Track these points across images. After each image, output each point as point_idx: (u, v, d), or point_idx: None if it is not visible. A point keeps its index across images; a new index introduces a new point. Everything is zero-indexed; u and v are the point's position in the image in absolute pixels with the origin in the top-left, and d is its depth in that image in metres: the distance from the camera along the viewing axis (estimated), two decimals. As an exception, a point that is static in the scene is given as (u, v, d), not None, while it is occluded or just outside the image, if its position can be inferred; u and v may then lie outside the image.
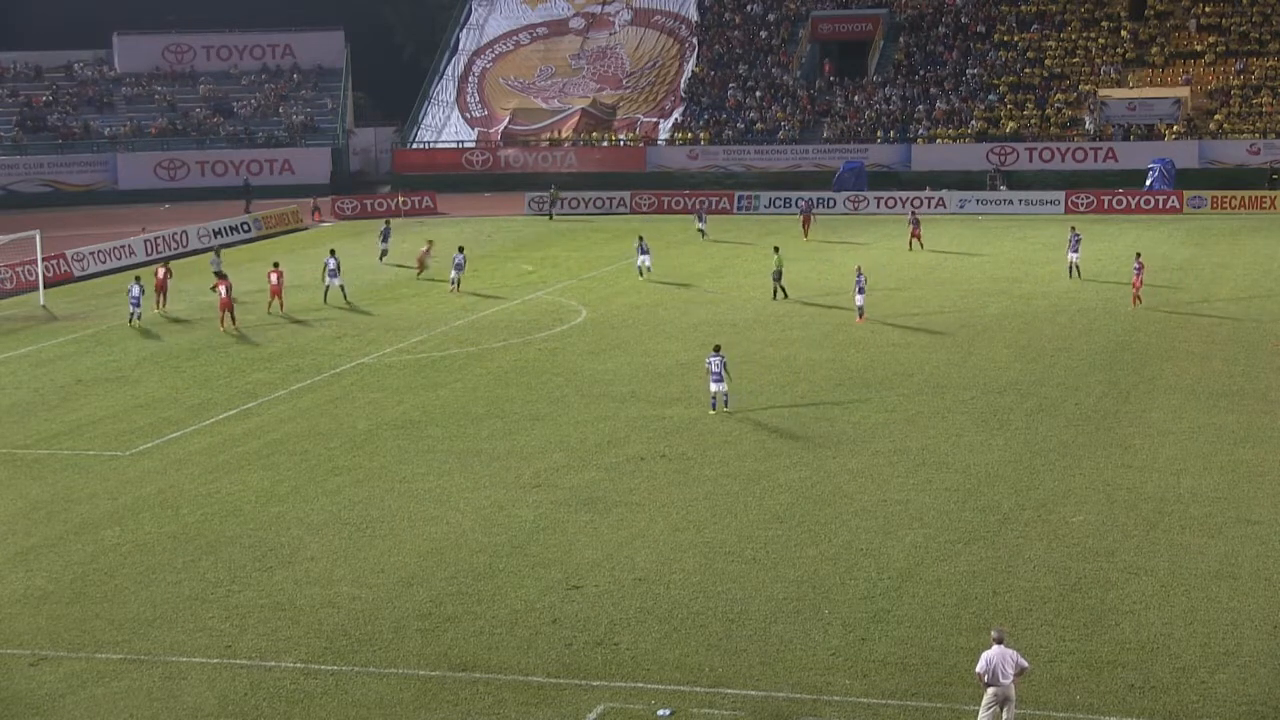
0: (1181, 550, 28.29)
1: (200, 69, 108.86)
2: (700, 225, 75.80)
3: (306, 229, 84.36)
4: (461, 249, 62.03)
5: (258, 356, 49.04)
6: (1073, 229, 62.24)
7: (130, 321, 54.55)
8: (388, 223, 73.36)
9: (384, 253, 69.40)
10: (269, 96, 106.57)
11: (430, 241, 66.33)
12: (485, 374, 45.42)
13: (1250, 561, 27.64)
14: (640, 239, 64.64)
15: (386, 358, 48.26)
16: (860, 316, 51.16)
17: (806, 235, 72.50)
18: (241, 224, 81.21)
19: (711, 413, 39.11)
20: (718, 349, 39.74)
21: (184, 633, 25.65)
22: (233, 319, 53.07)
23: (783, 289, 56.41)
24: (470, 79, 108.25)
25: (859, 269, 52.73)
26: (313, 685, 23.49)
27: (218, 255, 64.11)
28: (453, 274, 60.55)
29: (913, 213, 72.37)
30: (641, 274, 62.88)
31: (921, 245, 67.40)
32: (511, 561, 28.74)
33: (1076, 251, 59.56)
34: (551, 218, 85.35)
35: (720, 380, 39.06)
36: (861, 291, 51.52)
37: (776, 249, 58.83)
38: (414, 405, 41.61)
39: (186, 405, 42.39)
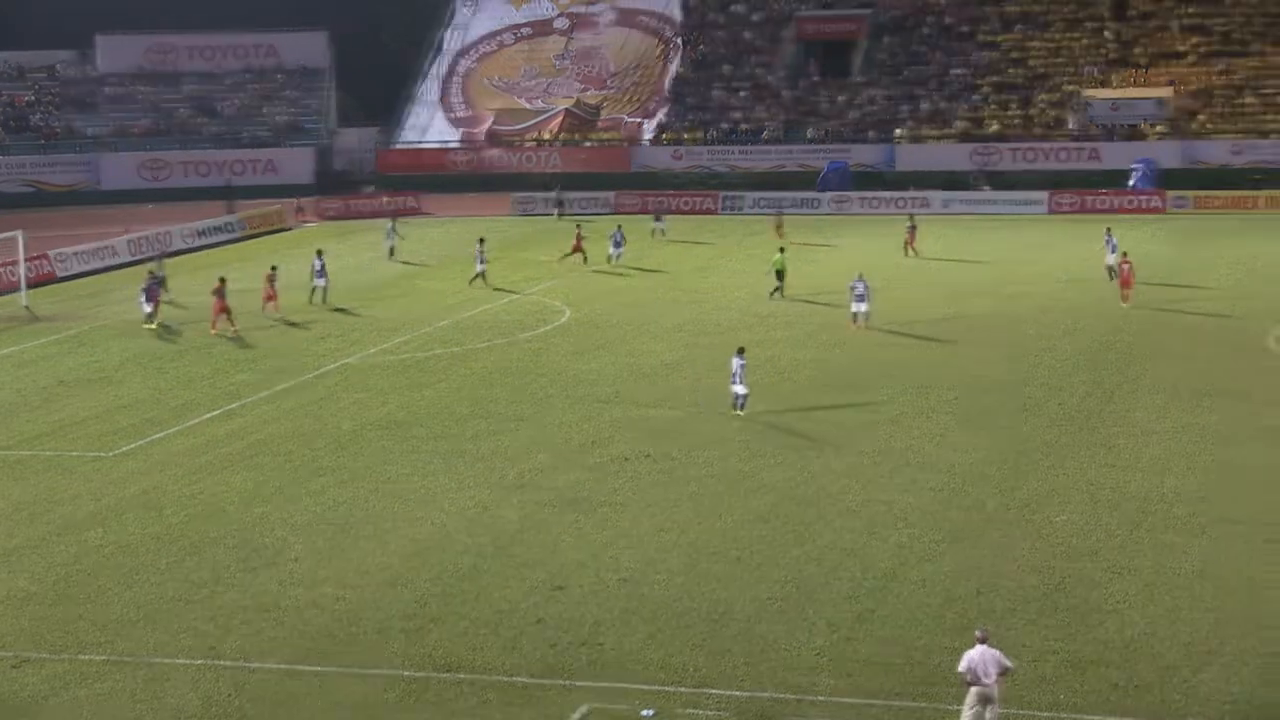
0: (1165, 550, 28.34)
1: (184, 69, 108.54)
2: (658, 225, 75.72)
3: (291, 229, 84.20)
4: (482, 240, 62.71)
5: (241, 357, 48.96)
6: (1108, 230, 61.66)
7: (148, 322, 54.05)
8: (393, 220, 73.89)
9: (392, 250, 70.13)
10: (253, 97, 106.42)
11: (580, 224, 69.69)
12: (470, 374, 45.39)
13: (1233, 561, 27.69)
14: (619, 228, 68.06)
15: (371, 358, 48.21)
16: (855, 322, 50.00)
17: (782, 235, 71.96)
18: (225, 224, 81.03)
19: (736, 414, 38.71)
20: (741, 351, 39.39)
21: (167, 634, 25.59)
22: (215, 323, 52.72)
23: (778, 290, 56.28)
24: (455, 79, 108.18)
25: (860, 275, 51.27)
26: (296, 686, 23.44)
27: (160, 262, 63.24)
28: (478, 266, 61.24)
29: (910, 217, 71.68)
30: (609, 260, 65.82)
31: (915, 253, 66.74)
32: (496, 562, 28.71)
33: (1115, 253, 58.73)
34: (560, 216, 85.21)
35: (741, 382, 38.84)
36: (862, 299, 50.02)
37: (782, 249, 58.71)
38: (398, 406, 41.57)
39: (169, 406, 42.30)
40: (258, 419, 40.64)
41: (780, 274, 56.70)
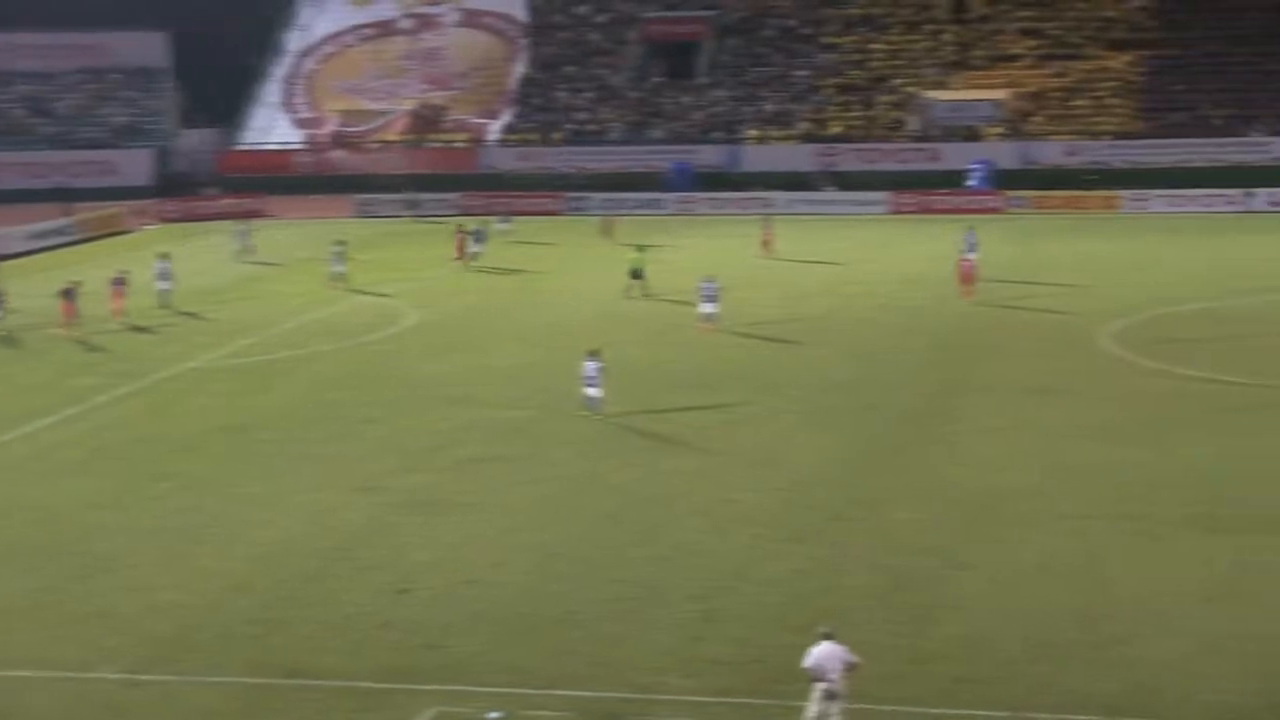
0: (1002, 545, 28.86)
1: (16, 69, 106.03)
2: (503, 226, 75.83)
3: (130, 232, 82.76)
4: (341, 241, 62.40)
5: (83, 361, 48.07)
6: (971, 229, 62.41)
7: None
8: (244, 222, 73.88)
9: (244, 250, 69.95)
10: (89, 97, 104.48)
11: (460, 225, 69.34)
12: (316, 377, 44.99)
13: (1067, 555, 28.28)
14: (477, 229, 68.73)
15: (215, 361, 47.59)
16: (706, 323, 49.90)
17: (612, 236, 72.57)
18: (61, 228, 79.40)
19: (585, 415, 38.49)
20: (594, 354, 39.08)
21: (2, 646, 25.01)
22: (65, 325, 51.59)
23: (639, 287, 56.52)
24: (298, 80, 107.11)
25: (708, 277, 51.21)
26: (135, 696, 23.06)
27: None
28: (337, 267, 61.00)
29: (765, 219, 71.74)
30: (469, 261, 66.09)
31: (770, 253, 66.97)
32: (342, 565, 28.49)
33: (975, 252, 59.25)
34: (415, 219, 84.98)
35: (595, 385, 38.58)
36: (712, 300, 50.23)
37: (640, 248, 58.80)
38: (243, 409, 41.07)
39: (7, 412, 41.35)
40: (99, 424, 39.94)
41: (637, 273, 56.91)
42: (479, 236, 67.80)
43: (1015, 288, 57.15)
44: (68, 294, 52.04)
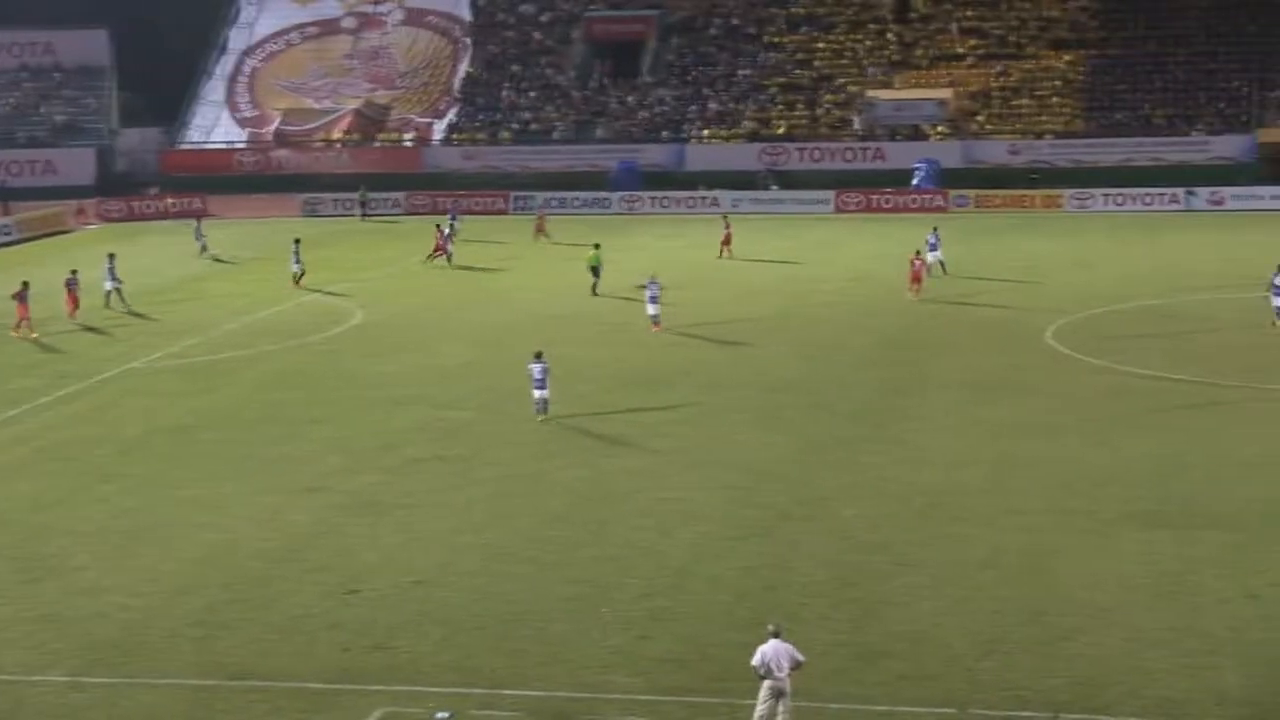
0: (951, 541, 28.99)
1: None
2: (454, 224, 75.86)
3: (71, 232, 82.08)
4: (298, 240, 62.20)
5: (22, 362, 47.65)
6: (934, 229, 62.57)
7: None
8: (199, 220, 73.97)
9: (203, 249, 70.02)
10: (29, 96, 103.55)
11: (440, 224, 69.30)
12: (261, 377, 44.76)
13: (1016, 551, 28.44)
14: (451, 224, 69.86)
15: (158, 362, 47.26)
16: (655, 325, 49.68)
17: (545, 235, 72.51)
18: (0, 227, 78.65)
19: (534, 416, 38.50)
20: (539, 355, 38.85)
21: (-55, 649, 24.83)
22: (20, 325, 51.07)
23: (594, 285, 56.66)
24: (240, 79, 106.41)
25: (653, 277, 51.01)
26: (80, 699, 22.90)
27: None
28: (293, 266, 60.90)
29: (725, 219, 71.27)
30: (449, 258, 66.31)
31: (729, 253, 66.84)
32: (288, 567, 28.36)
33: (936, 250, 59.77)
34: (364, 217, 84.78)
35: (542, 386, 38.56)
36: (655, 300, 50.04)
37: (597, 245, 58.67)
38: (186, 410, 40.81)
39: (-54, 414, 41.05)
40: (40, 425, 39.61)
41: (595, 270, 56.90)
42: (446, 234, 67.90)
43: (962, 285, 57.39)
44: (20, 296, 51.54)
